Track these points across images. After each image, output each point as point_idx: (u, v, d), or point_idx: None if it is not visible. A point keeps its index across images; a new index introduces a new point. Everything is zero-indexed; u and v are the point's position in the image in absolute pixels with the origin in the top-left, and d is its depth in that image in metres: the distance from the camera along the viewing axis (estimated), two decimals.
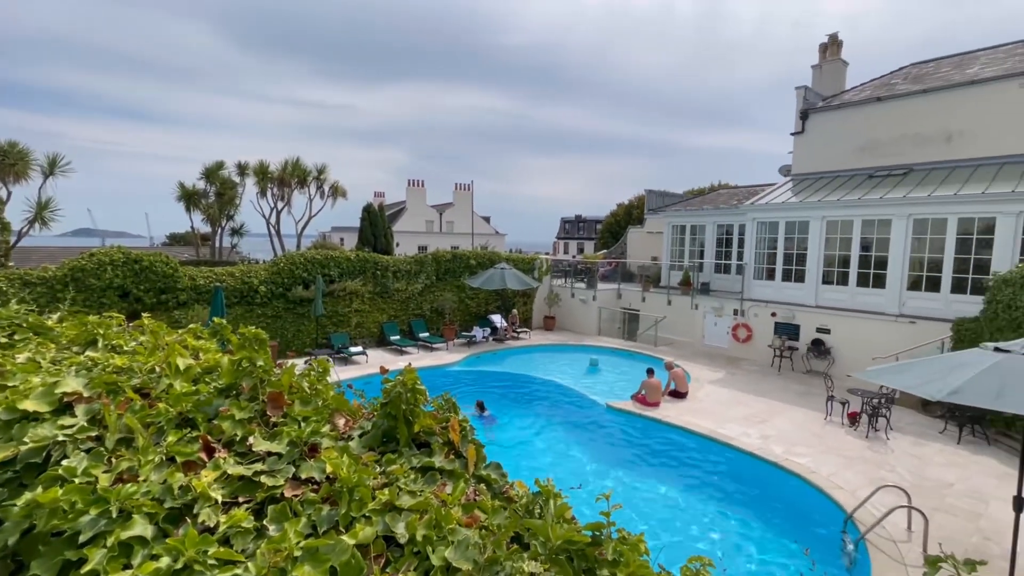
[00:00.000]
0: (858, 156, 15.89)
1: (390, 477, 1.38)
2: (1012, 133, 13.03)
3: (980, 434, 9.71)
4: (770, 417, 10.56)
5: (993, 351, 4.97)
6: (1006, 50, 15.15)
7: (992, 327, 10.16)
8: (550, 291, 20.76)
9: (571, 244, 76.94)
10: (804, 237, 14.96)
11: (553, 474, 8.34)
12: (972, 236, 12.08)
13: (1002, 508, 6.85)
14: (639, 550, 1.32)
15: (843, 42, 18.49)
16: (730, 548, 6.65)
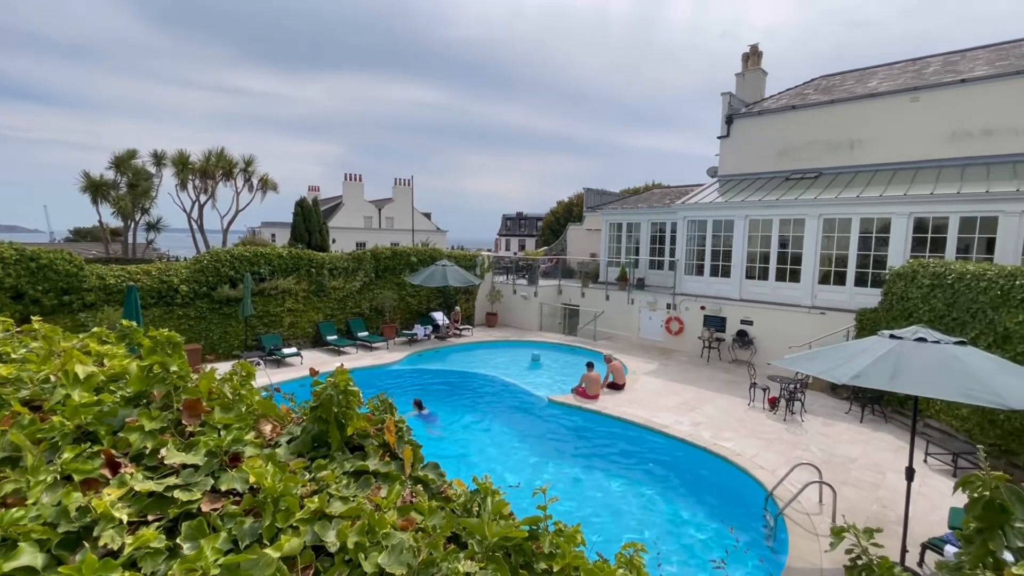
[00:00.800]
0: (776, 160, 17.12)
1: (320, 484, 1.32)
2: (904, 142, 14.53)
3: (879, 413, 10.80)
4: (700, 405, 11.17)
5: (888, 338, 5.53)
6: (900, 67, 16.85)
7: (888, 316, 11.30)
8: (492, 288, 20.80)
9: (513, 241, 77.48)
10: (729, 235, 15.93)
11: (496, 469, 8.43)
12: (872, 234, 13.37)
13: (897, 478, 7.64)
14: (575, 541, 1.34)
15: (763, 53, 19.82)
16: (665, 529, 6.98)
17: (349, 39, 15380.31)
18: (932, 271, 10.41)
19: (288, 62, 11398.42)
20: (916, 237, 12.71)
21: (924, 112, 14.22)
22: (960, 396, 4.62)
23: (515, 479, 8.23)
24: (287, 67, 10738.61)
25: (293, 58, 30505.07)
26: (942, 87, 13.98)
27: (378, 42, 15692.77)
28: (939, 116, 13.99)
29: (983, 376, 4.68)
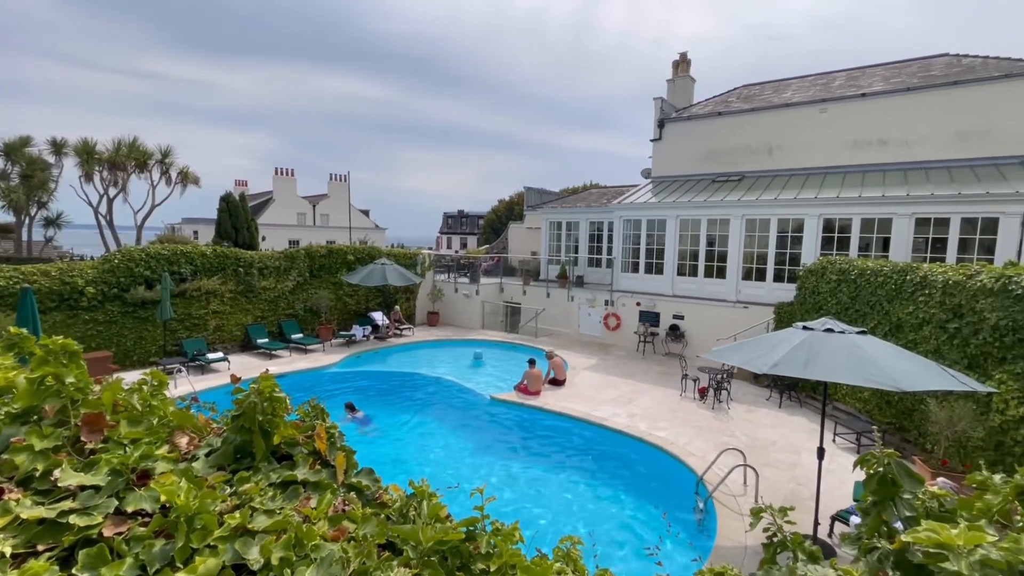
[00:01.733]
0: (704, 163, 18.10)
1: (243, 497, 1.24)
2: (815, 149, 15.84)
3: (795, 398, 11.71)
4: (636, 397, 11.62)
5: (801, 329, 6.01)
6: (811, 80, 18.33)
7: (802, 309, 12.28)
8: (433, 286, 20.55)
9: (454, 239, 76.90)
10: (662, 234, 16.67)
11: (440, 470, 8.33)
12: (788, 234, 14.47)
13: (810, 458, 8.32)
14: (513, 539, 1.35)
15: (691, 61, 20.88)
16: (605, 520, 7.20)
17: (280, 25, 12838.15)
18: (838, 267, 11.42)
19: (212, 47, 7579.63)
20: (825, 236, 13.89)
21: (831, 122, 15.56)
22: (862, 381, 5.11)
23: (459, 479, 8.19)
24: (211, 52, 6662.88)
25: (218, 43, 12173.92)
26: (845, 100, 15.36)
27: (312, 31, 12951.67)
28: (843, 126, 15.36)
29: (880, 362, 5.20)
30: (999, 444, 7.08)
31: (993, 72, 13.68)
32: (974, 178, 12.73)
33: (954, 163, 13.78)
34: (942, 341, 8.34)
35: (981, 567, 0.90)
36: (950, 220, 12.21)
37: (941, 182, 12.95)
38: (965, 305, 7.99)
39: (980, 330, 7.67)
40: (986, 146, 13.48)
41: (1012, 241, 11.44)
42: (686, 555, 6.19)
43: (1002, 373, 7.22)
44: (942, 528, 0.93)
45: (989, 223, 11.79)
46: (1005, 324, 7.29)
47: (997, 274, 7.66)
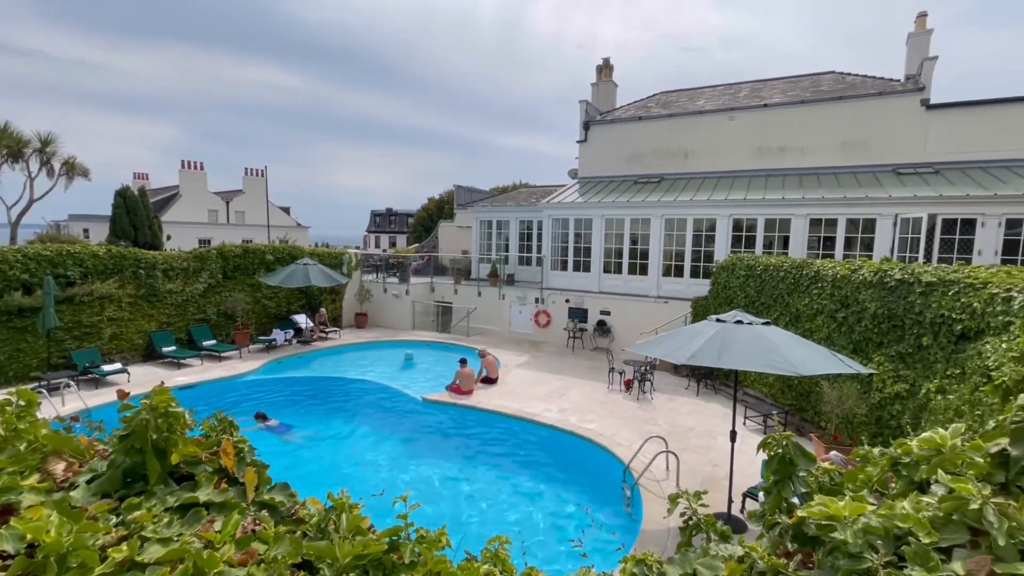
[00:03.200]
0: (627, 165, 18.91)
1: (132, 527, 1.11)
2: (724, 154, 17.06)
3: (710, 386, 12.56)
4: (566, 391, 11.92)
5: (715, 322, 6.44)
6: (720, 89, 19.71)
7: (716, 303, 13.19)
8: (361, 287, 19.84)
9: (383, 238, 74.79)
10: (589, 233, 17.22)
11: (368, 476, 8.04)
12: (703, 233, 15.48)
13: (724, 441, 8.94)
14: (439, 544, 1.32)
15: (614, 66, 21.72)
16: (538, 515, 7.32)
17: (186, 4, 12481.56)
18: (746, 264, 12.39)
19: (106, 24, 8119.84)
20: (735, 235, 15.01)
21: (738, 129, 16.83)
22: (767, 367, 5.57)
23: (390, 484, 7.97)
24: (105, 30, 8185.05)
25: (113, 20, 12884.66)
26: (750, 109, 16.68)
27: (222, 13, 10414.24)
28: (748, 133, 16.67)
29: (782, 350, 5.69)
30: (879, 419, 8.02)
31: (870, 89, 15.45)
32: (856, 184, 14.31)
33: (840, 170, 15.41)
34: (832, 329, 9.29)
35: (863, 534, 0.99)
36: (838, 221, 13.65)
37: (830, 187, 14.44)
38: (850, 296, 8.96)
39: (862, 318, 8.64)
40: (865, 155, 15.20)
41: (887, 239, 12.99)
42: (613, 544, 6.42)
43: (880, 356, 8.18)
44: (831, 502, 1.02)
45: (869, 223, 13.31)
46: (882, 312, 8.26)
47: (875, 268, 8.66)
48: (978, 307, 6.69)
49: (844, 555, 0.96)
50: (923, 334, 7.56)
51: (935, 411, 6.81)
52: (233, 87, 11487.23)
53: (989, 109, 14.08)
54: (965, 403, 6.18)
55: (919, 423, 7.14)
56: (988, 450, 1.15)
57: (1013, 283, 6.41)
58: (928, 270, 7.85)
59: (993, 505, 0.91)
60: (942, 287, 7.39)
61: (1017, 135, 13.63)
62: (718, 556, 1.19)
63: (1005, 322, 6.19)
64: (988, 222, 12.08)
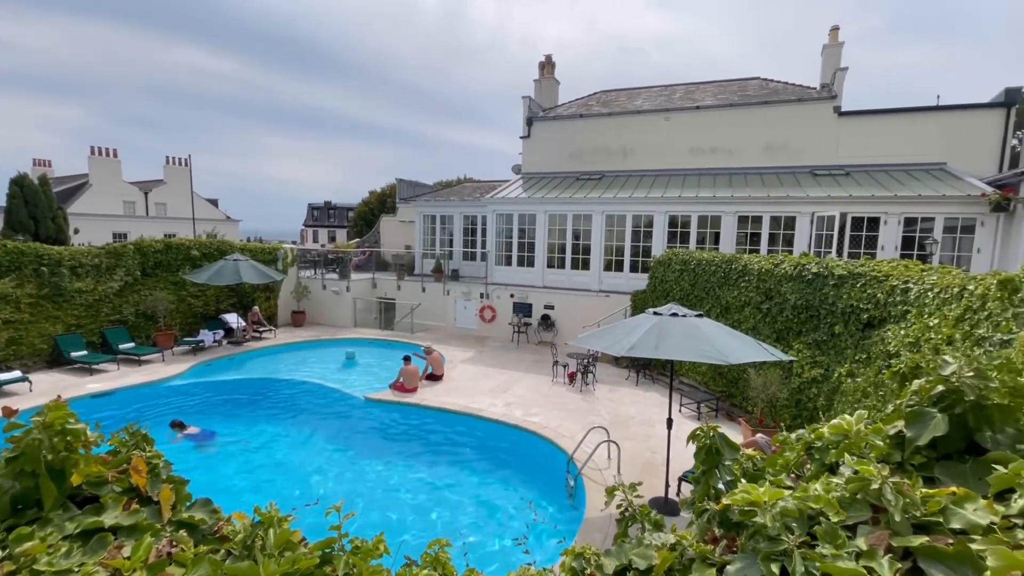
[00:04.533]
0: (569, 161, 19.24)
1: (21, 561, 0.99)
2: (661, 153, 17.75)
3: (649, 376, 13.08)
4: (511, 386, 12.01)
5: (652, 315, 6.70)
6: (657, 91, 20.45)
7: (653, 296, 13.73)
8: (298, 284, 18.99)
9: (321, 232, 71.91)
10: (533, 228, 17.39)
11: (308, 483, 7.74)
12: (641, 229, 16.04)
13: (662, 428, 9.35)
14: (376, 553, 1.28)
15: (556, 64, 21.98)
16: (483, 512, 7.33)
17: None
18: (681, 259, 12.97)
19: None
20: (671, 231, 15.68)
21: (673, 130, 17.55)
22: (700, 357, 5.87)
23: (332, 489, 7.71)
24: None
25: None
26: (684, 111, 17.43)
27: None
28: (683, 134, 17.43)
29: (714, 341, 6.02)
30: (798, 401, 8.68)
31: (790, 96, 16.58)
32: (778, 183, 15.34)
33: (765, 170, 16.46)
34: (758, 319, 9.94)
35: (781, 516, 1.06)
36: (763, 218, 14.58)
37: (756, 186, 15.38)
38: (774, 289, 9.61)
39: (784, 309, 9.29)
40: (786, 157, 16.32)
41: (805, 235, 14.03)
42: (557, 537, 6.49)
43: (799, 343, 8.84)
44: (752, 489, 1.08)
45: (789, 220, 14.31)
46: (801, 303, 8.92)
47: (795, 263, 9.33)
48: (881, 298, 7.38)
49: (764, 538, 1.02)
50: (835, 323, 8.24)
51: (846, 393, 7.45)
52: (157, 69, 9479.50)
53: (891, 117, 15.53)
54: (871, 385, 6.81)
55: (832, 405, 7.79)
56: (887, 432, 1.26)
57: (910, 276, 7.11)
58: (839, 264, 8.56)
59: (891, 484, 1.00)
60: (851, 280, 8.08)
61: (914, 142, 15.11)
62: (651, 545, 1.23)
63: (903, 311, 6.87)
64: (890, 220, 13.33)
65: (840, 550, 0.96)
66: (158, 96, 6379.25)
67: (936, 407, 1.20)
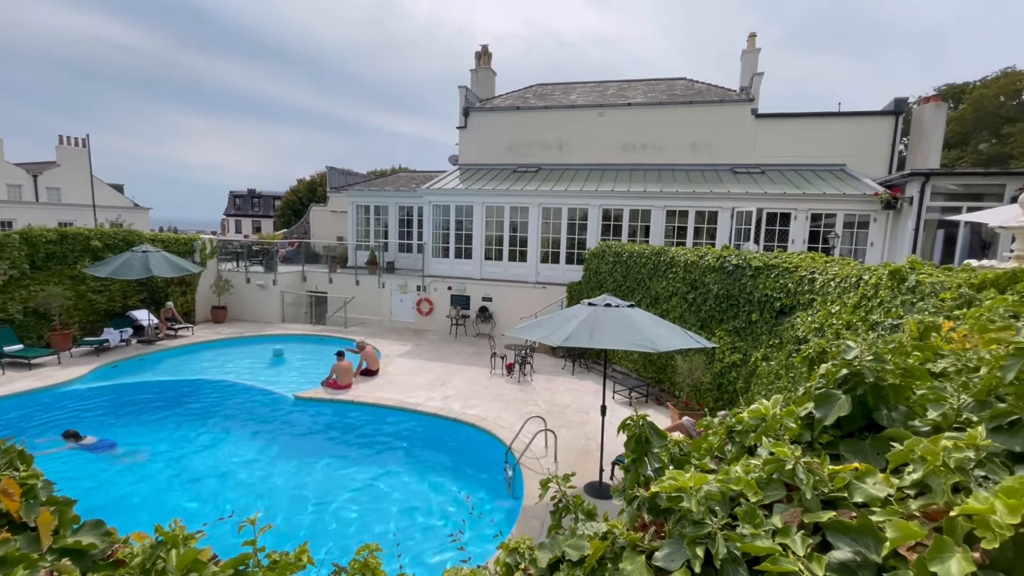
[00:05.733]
0: (506, 153, 19.25)
1: None
2: (595, 147, 18.19)
3: (584, 365, 13.46)
4: (450, 379, 11.92)
5: (587, 305, 6.87)
6: (591, 86, 20.89)
7: (588, 287, 14.10)
8: (219, 277, 17.70)
9: (245, 222, 67.41)
10: (470, 220, 17.27)
11: (225, 493, 7.26)
12: (576, 221, 16.39)
13: (596, 415, 9.66)
14: (298, 565, 1.20)
15: (492, 54, 21.83)
16: (420, 509, 7.22)
17: None
18: (614, 251, 13.40)
19: None
20: (604, 224, 16.14)
21: (606, 125, 18.03)
22: (631, 345, 6.09)
23: (254, 499, 7.26)
24: None
25: None
26: (616, 107, 17.94)
27: None
28: (615, 130, 17.95)
29: (644, 330, 6.26)
30: (720, 385, 9.27)
31: (713, 97, 17.52)
32: (703, 180, 16.21)
33: (691, 167, 17.33)
34: (684, 308, 10.48)
35: (705, 500, 1.09)
36: (688, 212, 15.36)
37: (682, 182, 16.17)
38: (698, 280, 10.17)
39: (708, 298, 9.86)
40: (709, 155, 17.27)
41: (726, 229, 14.95)
42: (493, 531, 6.49)
43: (721, 331, 9.43)
44: (679, 475, 1.12)
45: (712, 215, 15.18)
46: (722, 293, 9.51)
47: (717, 255, 9.92)
48: (791, 287, 8.01)
49: (689, 523, 1.05)
50: (753, 311, 8.86)
51: (761, 376, 8.04)
52: (51, 38, 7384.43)
53: (800, 121, 16.84)
54: (783, 367, 7.39)
55: (749, 387, 8.39)
56: (799, 414, 1.35)
57: (816, 267, 7.77)
58: (756, 256, 9.19)
59: (803, 464, 1.06)
60: (766, 271, 8.71)
61: (819, 144, 16.50)
62: (584, 535, 1.24)
63: (810, 299, 7.50)
64: (799, 216, 14.50)
65: (758, 529, 1.00)
66: (52, 68, 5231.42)
67: (841, 389, 1.29)
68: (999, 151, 27.98)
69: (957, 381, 1.42)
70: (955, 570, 0.71)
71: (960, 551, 0.74)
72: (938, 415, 1.19)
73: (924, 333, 2.16)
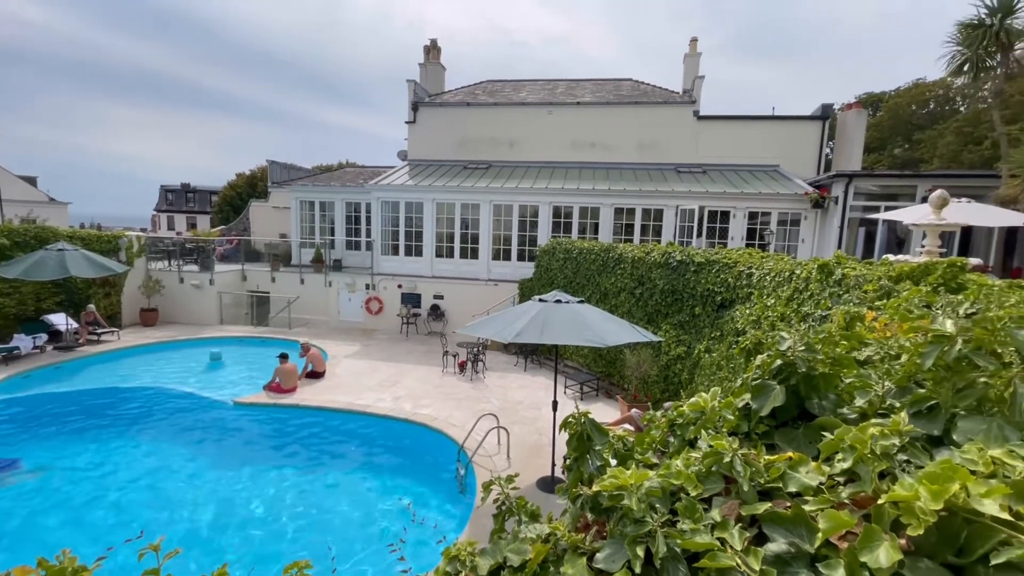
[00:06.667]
0: (457, 150, 19.04)
1: None
2: (545, 145, 18.32)
3: (536, 361, 13.55)
4: (401, 379, 11.67)
5: (538, 302, 6.88)
6: (541, 84, 21.01)
7: (539, 284, 14.20)
8: (148, 277, 16.49)
9: (179, 218, 63.28)
10: (420, 216, 16.96)
11: (147, 511, 6.74)
12: (527, 219, 16.45)
13: (548, 411, 9.74)
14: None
15: (442, 49, 21.52)
16: (368, 515, 6.99)
17: None
18: (564, 248, 13.56)
19: None
20: (555, 221, 16.29)
21: (556, 123, 18.20)
22: (581, 341, 6.15)
23: (179, 516, 6.76)
24: None
25: None
26: (566, 106, 18.14)
27: None
28: (565, 128, 18.15)
29: (594, 325, 6.35)
30: (666, 377, 9.57)
31: (658, 98, 18.06)
32: (649, 179, 16.68)
33: (638, 166, 17.79)
34: (632, 303, 10.75)
35: (647, 497, 1.07)
36: (636, 210, 15.77)
37: (629, 180, 16.57)
38: (645, 275, 10.45)
39: (654, 293, 10.15)
40: (655, 154, 17.80)
41: (671, 226, 15.46)
42: (437, 537, 6.24)
43: (666, 324, 9.73)
44: (620, 473, 1.10)
45: (658, 213, 15.66)
46: (668, 288, 9.82)
47: (662, 251, 10.23)
48: (731, 282, 8.37)
49: (630, 521, 1.03)
50: (696, 305, 9.19)
51: (704, 367, 8.37)
52: None
53: (739, 123, 17.66)
54: (724, 358, 7.71)
55: (693, 378, 8.71)
56: (737, 405, 1.37)
57: (753, 262, 8.15)
58: (699, 252, 9.55)
59: (740, 456, 1.06)
60: (708, 266, 9.06)
61: (756, 146, 17.36)
62: (526, 539, 1.20)
63: (748, 293, 7.86)
64: (737, 214, 15.21)
65: (698, 524, 0.99)
66: None
67: (776, 379, 1.32)
68: (911, 155, 30.57)
69: (880, 368, 1.48)
70: (883, 559, 0.72)
71: (888, 539, 0.75)
72: (864, 402, 1.24)
73: (850, 323, 2.28)
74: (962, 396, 1.06)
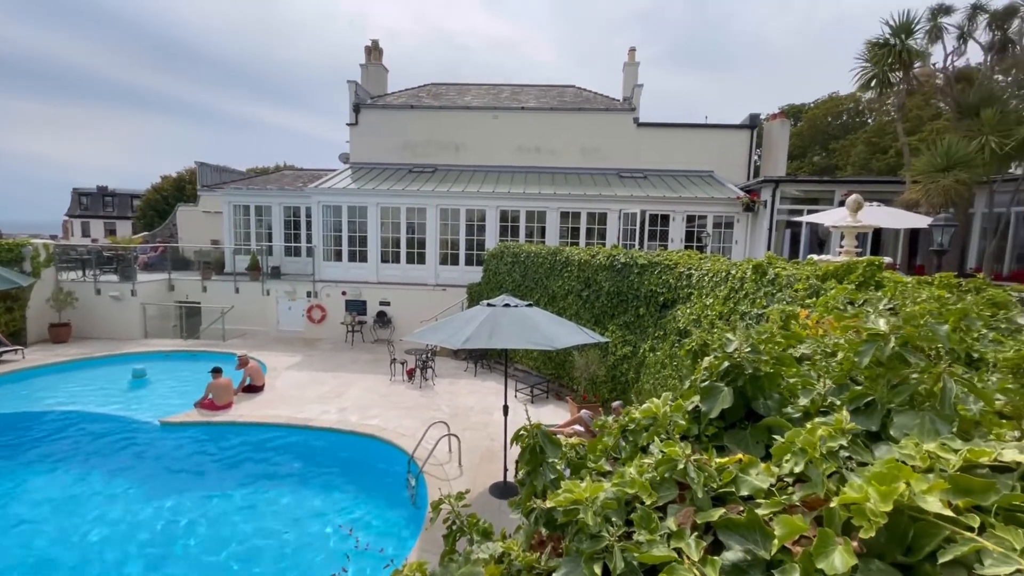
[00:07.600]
0: (401, 153, 18.68)
1: None
2: (491, 149, 18.33)
3: (486, 366, 13.47)
4: (346, 389, 11.23)
5: (486, 306, 6.82)
6: (486, 88, 21.03)
7: (488, 288, 14.14)
8: (57, 289, 15.01)
9: (95, 224, 58.17)
10: (364, 221, 16.47)
11: (53, 549, 6.06)
12: (475, 223, 16.37)
13: (499, 415, 9.69)
14: None
15: (384, 50, 21.07)
16: (310, 539, 6.62)
17: None
18: (512, 251, 13.59)
19: None
20: (502, 225, 16.30)
21: (501, 128, 18.26)
22: (530, 344, 6.15)
23: (99, 549, 6.16)
24: None
25: None
26: (511, 110, 18.26)
27: None
28: (510, 132, 18.25)
29: (543, 328, 6.36)
30: (614, 377, 9.77)
31: (600, 105, 18.54)
32: (593, 183, 17.06)
33: (582, 171, 18.16)
34: (580, 305, 10.91)
35: (602, 510, 1.04)
36: (581, 214, 16.07)
37: (574, 185, 16.88)
38: (591, 278, 10.64)
39: (600, 295, 10.36)
40: (598, 160, 18.24)
41: (615, 230, 15.87)
42: (392, 556, 5.99)
43: (613, 325, 9.95)
44: (575, 486, 1.06)
45: (602, 216, 16.03)
46: (613, 290, 10.04)
47: (608, 254, 10.46)
48: (672, 282, 8.67)
49: (586, 537, 0.99)
50: (640, 306, 9.46)
51: (649, 366, 8.61)
52: None
53: (676, 130, 18.44)
54: (668, 356, 7.96)
55: (639, 377, 8.94)
56: (687, 408, 1.37)
57: (692, 264, 8.49)
58: (642, 255, 9.84)
59: (693, 462, 1.05)
60: (651, 268, 9.34)
61: (692, 152, 18.18)
62: (478, 560, 1.14)
63: (688, 293, 8.17)
64: (677, 217, 15.85)
65: (654, 534, 0.97)
66: None
67: (723, 381, 1.33)
68: (828, 163, 33.18)
69: (818, 366, 1.54)
70: (839, 564, 0.72)
71: (842, 543, 0.75)
72: (807, 401, 1.27)
73: (785, 321, 2.37)
74: (896, 392, 1.10)
